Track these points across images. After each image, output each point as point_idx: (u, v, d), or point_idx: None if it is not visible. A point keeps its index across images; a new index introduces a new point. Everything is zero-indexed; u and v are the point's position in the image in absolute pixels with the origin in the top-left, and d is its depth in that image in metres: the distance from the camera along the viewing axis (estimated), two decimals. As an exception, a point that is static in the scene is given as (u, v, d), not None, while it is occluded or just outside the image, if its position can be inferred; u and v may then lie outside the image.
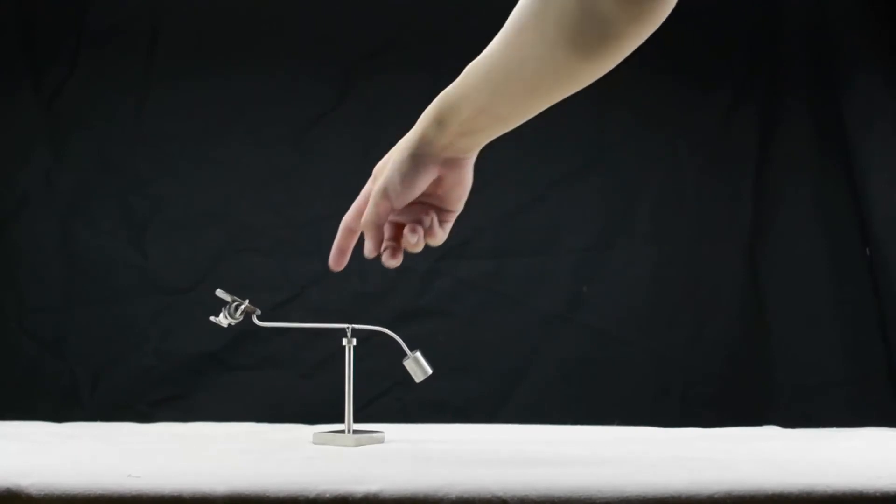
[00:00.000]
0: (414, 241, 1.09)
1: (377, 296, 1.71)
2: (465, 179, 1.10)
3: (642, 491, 0.92)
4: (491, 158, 1.75)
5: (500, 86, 1.03)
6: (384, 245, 1.11)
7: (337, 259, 1.15)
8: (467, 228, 1.72)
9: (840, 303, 1.71)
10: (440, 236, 1.12)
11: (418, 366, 1.36)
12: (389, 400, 1.70)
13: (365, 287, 1.72)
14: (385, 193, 1.07)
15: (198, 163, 1.74)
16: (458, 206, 1.12)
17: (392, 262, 1.10)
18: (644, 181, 1.74)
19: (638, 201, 1.74)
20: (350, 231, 1.14)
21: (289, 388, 1.69)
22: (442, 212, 1.11)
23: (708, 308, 1.73)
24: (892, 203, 1.66)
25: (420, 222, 1.10)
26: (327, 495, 0.92)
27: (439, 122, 1.05)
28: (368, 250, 1.11)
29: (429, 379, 1.37)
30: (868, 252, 1.69)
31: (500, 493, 0.91)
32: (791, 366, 1.70)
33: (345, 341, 1.38)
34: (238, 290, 1.73)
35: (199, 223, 1.73)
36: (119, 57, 1.73)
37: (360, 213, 1.12)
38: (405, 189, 1.07)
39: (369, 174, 1.14)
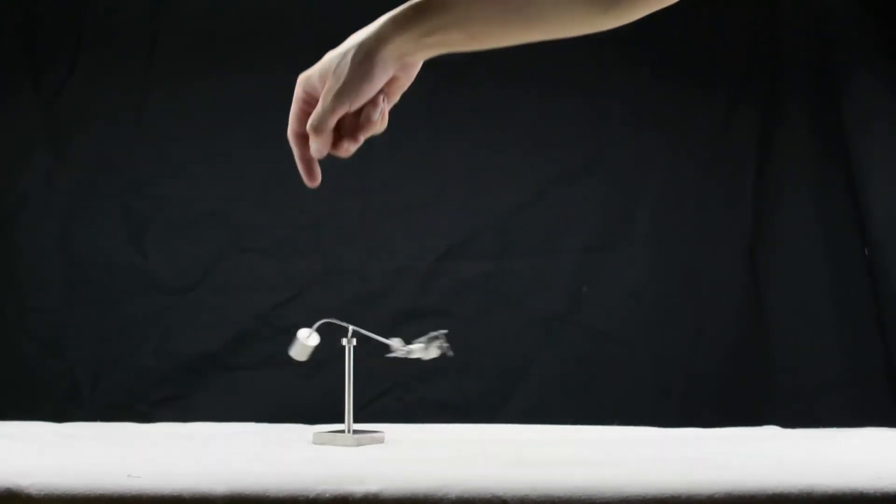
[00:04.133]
0: (354, 149, 1.08)
1: (377, 296, 1.71)
2: (413, 76, 1.08)
3: (642, 491, 0.92)
4: (491, 159, 1.76)
5: (495, 18, 1.01)
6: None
7: (310, 174, 1.12)
8: (467, 228, 1.72)
9: (840, 303, 1.70)
10: (384, 123, 1.08)
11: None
12: (389, 400, 1.70)
13: (365, 287, 1.72)
14: (342, 97, 1.05)
15: (198, 163, 1.74)
16: (398, 97, 1.10)
17: (353, 148, 1.09)
18: (644, 181, 1.74)
19: (638, 201, 1.74)
20: (303, 138, 1.11)
21: (289, 388, 1.69)
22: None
23: (708, 308, 1.72)
24: (891, 203, 1.66)
25: (369, 118, 1.07)
26: (327, 495, 0.92)
27: (408, 30, 1.04)
28: (319, 152, 1.10)
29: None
30: (867, 252, 1.69)
31: (500, 493, 0.91)
32: (791, 366, 1.70)
33: (345, 341, 1.38)
34: (238, 290, 1.73)
35: (199, 223, 1.73)
36: (119, 57, 1.73)
37: (302, 119, 1.10)
38: (365, 92, 1.05)
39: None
